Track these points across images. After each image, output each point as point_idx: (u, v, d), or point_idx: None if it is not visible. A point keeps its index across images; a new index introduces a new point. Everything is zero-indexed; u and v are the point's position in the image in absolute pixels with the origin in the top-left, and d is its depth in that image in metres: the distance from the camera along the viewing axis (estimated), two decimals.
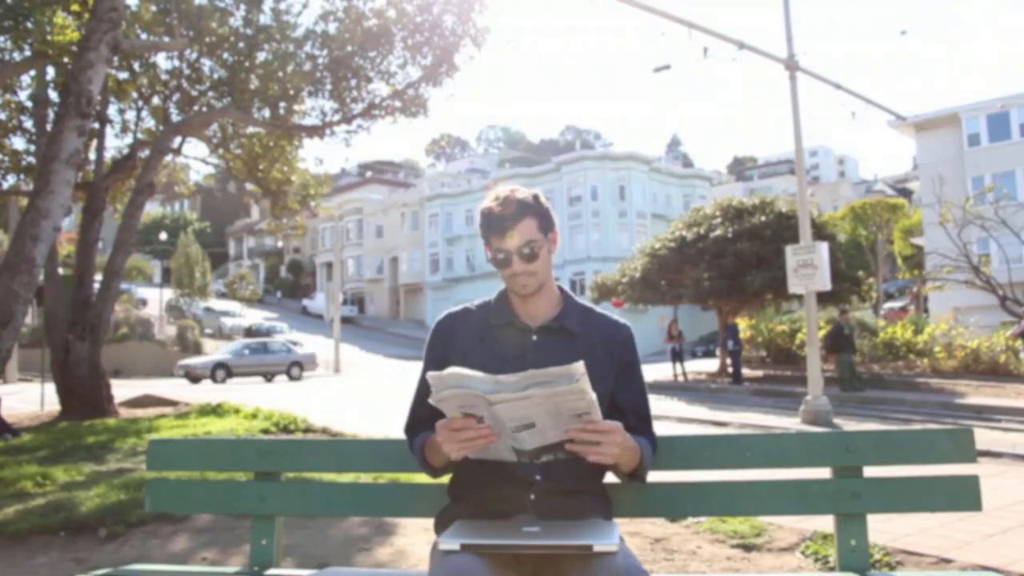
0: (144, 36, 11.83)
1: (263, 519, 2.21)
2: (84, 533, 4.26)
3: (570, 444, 1.64)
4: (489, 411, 1.60)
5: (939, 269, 18.74)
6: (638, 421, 1.96)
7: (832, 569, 3.46)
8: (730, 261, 19.30)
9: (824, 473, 2.08)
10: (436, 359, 1.97)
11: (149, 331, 33.87)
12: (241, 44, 12.39)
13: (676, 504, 2.09)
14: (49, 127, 9.37)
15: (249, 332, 38.73)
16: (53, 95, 11.07)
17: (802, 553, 3.76)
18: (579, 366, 1.55)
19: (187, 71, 12.80)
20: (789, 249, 12.31)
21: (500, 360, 1.89)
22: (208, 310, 40.91)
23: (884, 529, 3.88)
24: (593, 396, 1.60)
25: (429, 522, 2.00)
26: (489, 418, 1.62)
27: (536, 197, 1.91)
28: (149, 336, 33.43)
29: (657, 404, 14.54)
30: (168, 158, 13.22)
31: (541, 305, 1.95)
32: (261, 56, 12.34)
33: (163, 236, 49.51)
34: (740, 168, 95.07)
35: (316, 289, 59.63)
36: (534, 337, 1.92)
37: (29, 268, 6.86)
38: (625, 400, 1.95)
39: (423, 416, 1.96)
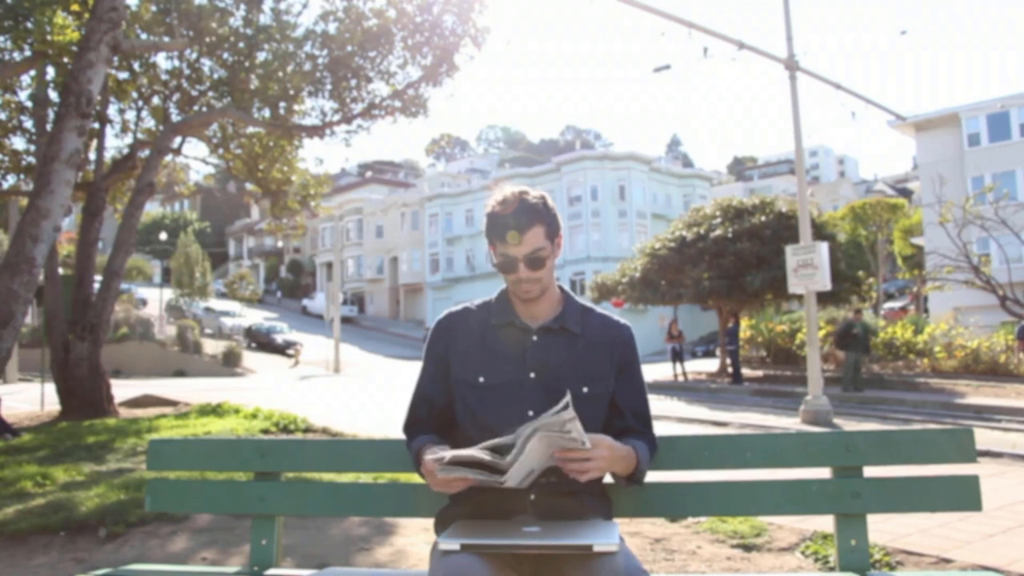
0: (144, 36, 11.83)
1: (263, 519, 2.22)
2: (84, 533, 4.26)
3: (560, 463, 1.66)
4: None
5: (939, 269, 18.73)
6: (637, 421, 1.96)
7: (832, 569, 3.45)
8: (730, 261, 19.30)
9: (824, 473, 2.08)
10: (436, 358, 1.97)
11: (149, 331, 33.85)
12: (241, 44, 12.38)
13: (676, 504, 2.09)
14: (49, 127, 9.37)
15: (249, 332, 38.72)
16: (53, 95, 11.07)
17: (802, 553, 3.76)
18: (568, 413, 1.57)
19: (187, 71, 12.79)
20: (789, 249, 12.31)
21: (500, 359, 1.89)
22: (208, 310, 40.88)
23: (884, 529, 3.89)
24: (584, 438, 1.63)
25: (429, 522, 2.00)
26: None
27: (544, 201, 1.88)
28: (149, 336, 33.41)
29: (657, 404, 14.54)
30: (168, 158, 13.22)
31: (542, 306, 1.95)
32: (261, 56, 12.34)
33: (163, 236, 49.50)
34: (740, 168, 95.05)
35: (316, 289, 59.66)
36: (534, 337, 1.92)
37: (29, 268, 6.86)
38: (625, 401, 1.95)
39: (421, 416, 1.96)
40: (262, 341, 37.90)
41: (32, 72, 10.87)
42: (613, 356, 1.94)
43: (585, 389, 1.88)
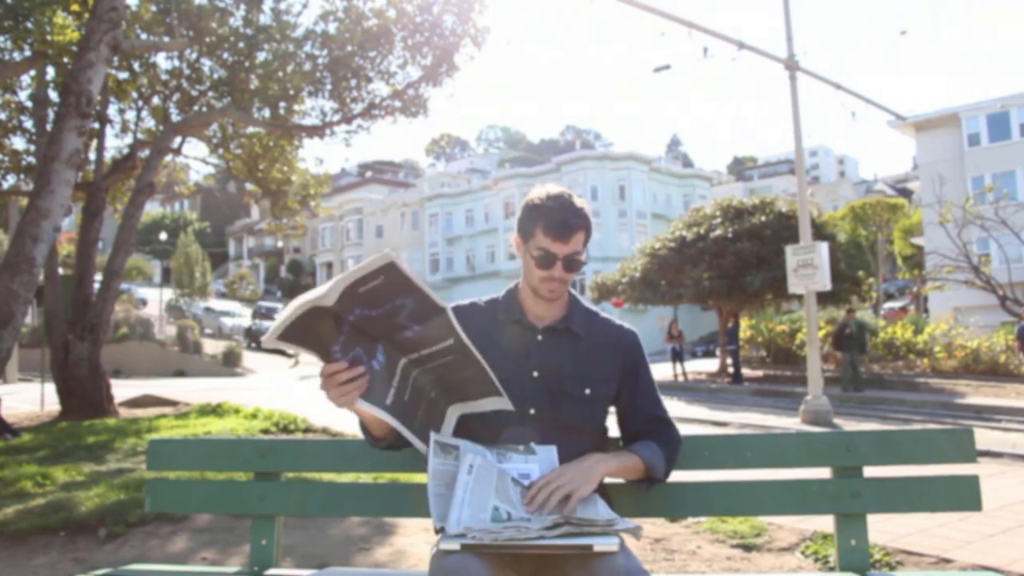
0: (144, 36, 11.82)
1: (263, 519, 2.21)
2: (84, 533, 4.25)
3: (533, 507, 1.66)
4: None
5: (939, 269, 18.75)
6: (652, 423, 1.96)
7: (832, 569, 3.45)
8: (730, 261, 19.30)
9: (824, 473, 2.08)
10: None
11: (149, 331, 33.85)
12: (241, 44, 12.38)
13: (676, 504, 2.09)
14: (49, 127, 9.37)
15: (249, 332, 38.71)
16: (53, 95, 11.07)
17: (802, 553, 3.76)
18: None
19: (187, 71, 12.79)
20: (789, 249, 12.31)
21: (504, 356, 1.90)
22: (208, 310, 40.88)
23: (884, 529, 3.89)
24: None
25: (429, 522, 2.00)
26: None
27: (586, 208, 1.89)
28: (149, 336, 33.40)
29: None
30: (168, 158, 13.22)
31: (550, 307, 1.96)
32: (261, 56, 12.33)
33: (163, 236, 49.49)
34: (740, 168, 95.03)
35: None
36: (539, 337, 1.93)
37: (29, 268, 6.86)
38: (640, 406, 1.97)
39: None
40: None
41: (32, 72, 10.86)
42: (616, 360, 1.95)
43: (587, 391, 1.90)
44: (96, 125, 11.66)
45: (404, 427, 1.65)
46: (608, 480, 1.95)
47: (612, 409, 2.01)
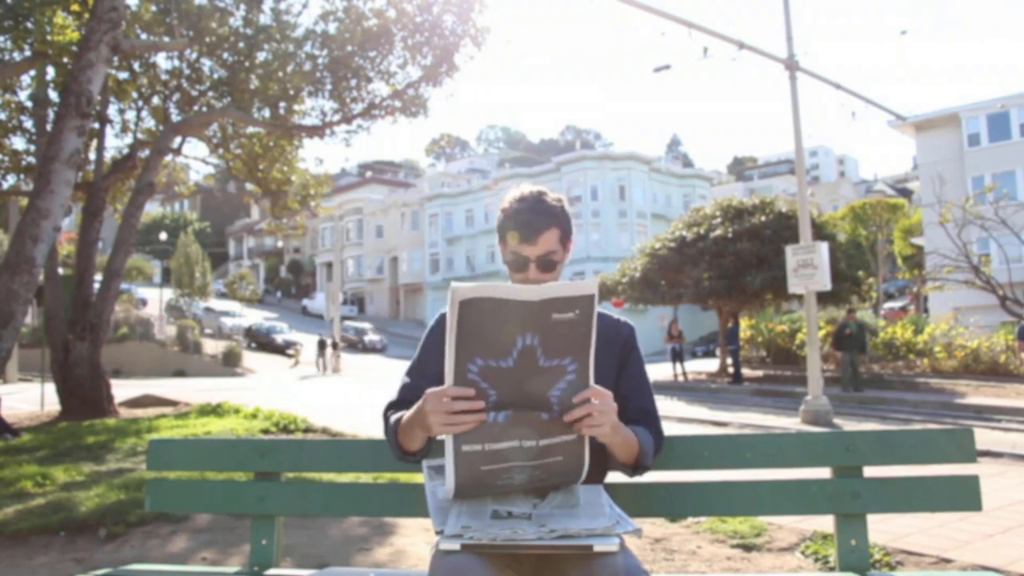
0: (144, 36, 11.83)
1: (263, 519, 2.21)
2: (84, 533, 4.26)
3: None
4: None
5: (939, 269, 18.74)
6: (641, 415, 1.95)
7: (832, 569, 3.46)
8: (730, 261, 19.30)
9: (824, 473, 2.08)
10: (436, 349, 1.96)
11: (149, 331, 33.86)
12: (241, 44, 12.39)
13: (676, 504, 2.09)
14: (49, 127, 9.37)
15: (249, 332, 38.72)
16: (53, 95, 11.08)
17: (802, 553, 3.76)
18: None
19: (187, 71, 12.80)
20: (789, 249, 12.31)
21: None
22: (208, 310, 40.90)
23: (884, 529, 3.89)
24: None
25: (429, 522, 2.00)
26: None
27: (562, 205, 1.87)
28: (149, 336, 33.42)
29: (657, 404, 14.48)
30: (168, 158, 13.23)
31: None
32: (261, 56, 12.35)
33: (163, 236, 49.53)
34: (740, 168, 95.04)
35: (316, 289, 59.69)
36: None
37: (29, 268, 6.86)
38: (628, 394, 1.95)
39: (409, 400, 1.94)
40: (262, 341, 37.90)
41: (32, 72, 10.87)
42: (614, 354, 1.94)
43: None
44: (96, 125, 11.67)
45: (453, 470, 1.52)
46: (608, 480, 1.95)
47: None
